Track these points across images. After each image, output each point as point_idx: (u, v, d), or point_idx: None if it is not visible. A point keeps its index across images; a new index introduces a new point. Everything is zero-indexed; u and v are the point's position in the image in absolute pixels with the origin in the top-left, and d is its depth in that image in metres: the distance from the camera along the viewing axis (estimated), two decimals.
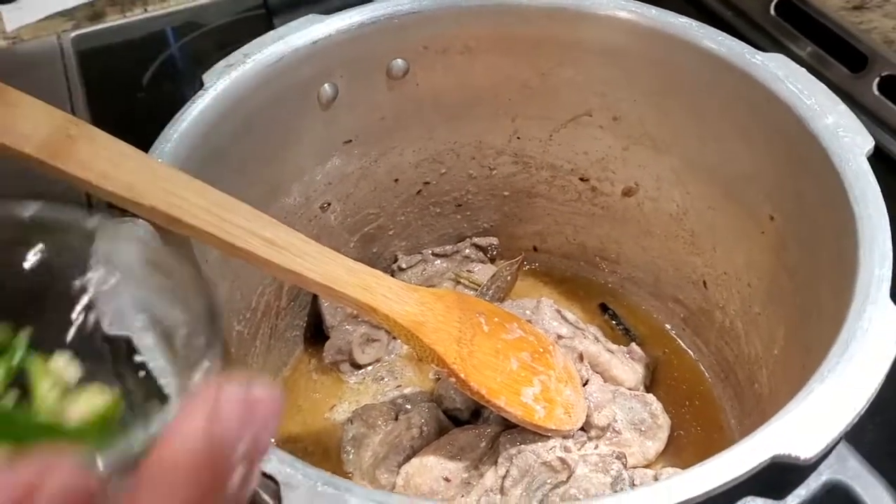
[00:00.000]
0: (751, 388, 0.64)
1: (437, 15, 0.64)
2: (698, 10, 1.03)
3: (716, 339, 0.69)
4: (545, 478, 0.61)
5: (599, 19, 0.63)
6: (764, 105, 0.56)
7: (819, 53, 0.95)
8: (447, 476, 0.62)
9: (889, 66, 0.90)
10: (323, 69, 0.63)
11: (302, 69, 0.62)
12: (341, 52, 0.63)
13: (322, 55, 0.62)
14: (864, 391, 0.40)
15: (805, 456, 0.38)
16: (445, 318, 0.59)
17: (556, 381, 0.63)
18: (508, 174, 0.75)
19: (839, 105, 0.54)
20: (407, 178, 0.73)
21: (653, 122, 0.66)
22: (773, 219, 0.59)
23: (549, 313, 0.69)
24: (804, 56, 0.95)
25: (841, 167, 0.50)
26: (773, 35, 0.98)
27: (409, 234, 0.78)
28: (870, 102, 0.88)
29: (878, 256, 0.46)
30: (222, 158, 0.57)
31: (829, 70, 0.92)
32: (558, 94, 0.68)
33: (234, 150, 0.59)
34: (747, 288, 0.64)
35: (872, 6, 1.00)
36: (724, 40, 0.58)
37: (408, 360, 0.73)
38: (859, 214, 0.48)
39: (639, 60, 0.63)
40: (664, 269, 0.73)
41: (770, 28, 0.99)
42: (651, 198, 0.70)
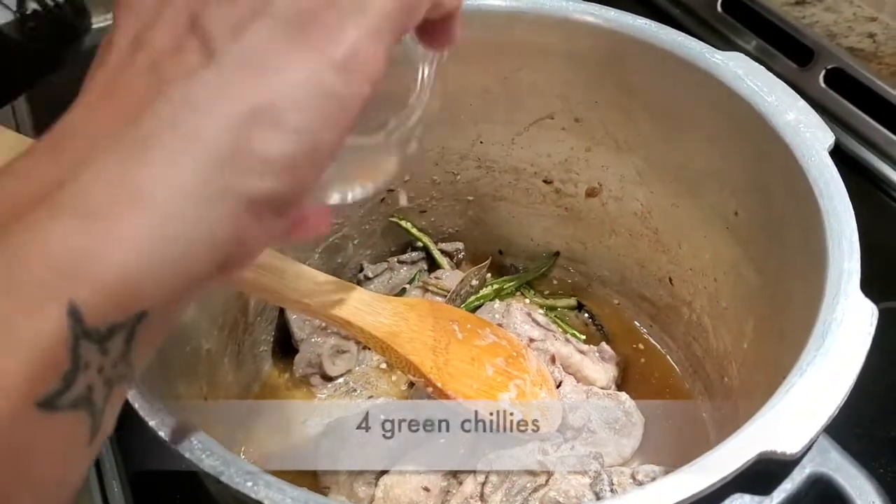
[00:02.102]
0: (721, 381, 0.65)
1: None
2: (647, 8, 1.05)
3: (683, 334, 0.70)
4: (524, 482, 0.61)
5: (559, 23, 0.63)
6: (725, 103, 0.57)
7: (766, 48, 0.97)
8: (426, 486, 0.62)
9: (834, 60, 0.92)
10: None
11: None
12: None
13: None
14: (843, 383, 0.41)
15: (791, 451, 0.38)
16: (419, 327, 0.59)
17: (531, 384, 0.63)
18: (472, 179, 0.74)
19: (799, 101, 0.55)
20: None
21: (615, 123, 0.66)
22: (737, 214, 0.60)
23: (519, 317, 0.69)
24: (752, 51, 0.97)
25: (804, 162, 0.51)
26: (722, 31, 1.00)
27: (374, 243, 0.77)
28: (817, 95, 0.91)
29: (846, 250, 0.46)
30: None
31: (776, 64, 0.94)
32: (520, 98, 0.68)
33: None
34: (714, 283, 0.65)
35: (813, 1, 1.02)
36: (683, 41, 0.59)
37: (379, 371, 0.73)
38: (825, 209, 0.49)
39: (599, 62, 0.63)
40: (629, 268, 0.74)
41: (718, 25, 1.01)
42: (615, 197, 0.71)
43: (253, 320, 0.70)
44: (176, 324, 0.29)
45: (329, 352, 0.71)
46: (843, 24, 0.99)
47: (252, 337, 0.70)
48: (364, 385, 0.72)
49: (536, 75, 0.66)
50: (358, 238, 0.76)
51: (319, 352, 0.71)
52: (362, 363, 0.73)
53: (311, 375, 0.71)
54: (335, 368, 0.71)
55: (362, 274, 0.76)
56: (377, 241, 0.77)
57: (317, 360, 0.71)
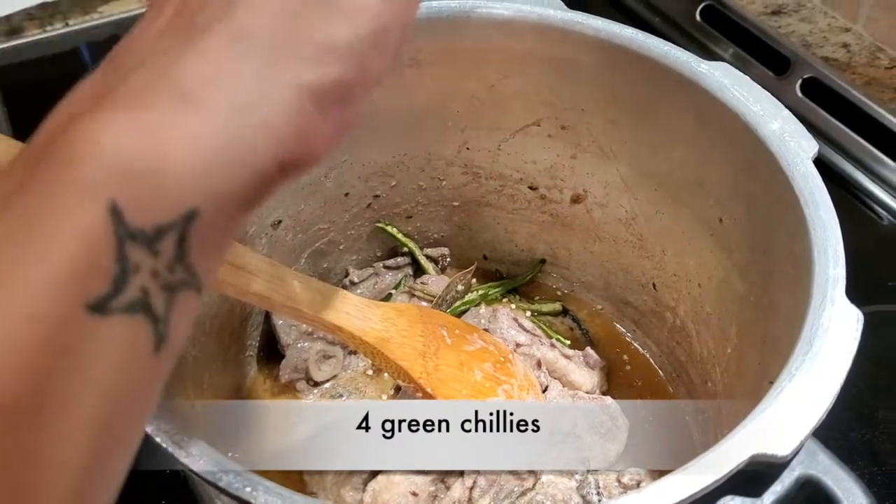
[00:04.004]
0: (704, 385, 0.66)
1: None
2: (626, 17, 1.06)
3: (667, 339, 0.71)
4: (512, 486, 0.61)
5: (546, 31, 0.63)
6: (711, 112, 0.58)
7: (744, 57, 0.99)
8: (414, 490, 0.62)
9: (810, 69, 0.94)
10: None
11: None
12: None
13: None
14: (831, 387, 0.42)
15: (782, 453, 0.39)
16: (409, 332, 0.59)
17: (519, 389, 0.64)
18: (458, 185, 0.75)
19: (783, 111, 0.56)
20: (357, 192, 0.73)
21: (600, 131, 0.67)
22: (722, 221, 0.61)
23: (506, 322, 0.70)
24: (729, 59, 0.99)
25: (789, 171, 0.52)
26: (700, 40, 1.02)
27: (360, 248, 0.77)
28: (793, 104, 0.92)
29: (831, 257, 0.47)
30: None
31: (753, 73, 0.95)
32: (507, 105, 0.68)
33: None
34: (697, 289, 0.66)
35: (789, 10, 1.04)
36: (669, 50, 0.60)
37: (365, 376, 0.73)
38: (810, 217, 0.50)
39: (586, 70, 0.64)
40: (613, 273, 0.75)
41: (696, 33, 1.03)
42: (600, 204, 0.71)
43: (238, 325, 0.69)
44: (240, 229, 0.27)
45: (315, 357, 0.71)
46: (818, 34, 1.01)
47: (238, 342, 0.70)
48: (349, 390, 0.72)
49: (523, 83, 0.67)
50: (344, 243, 0.76)
51: (306, 357, 0.71)
52: (348, 368, 0.73)
53: (296, 381, 0.71)
54: (321, 373, 0.71)
55: (348, 279, 0.76)
56: (363, 247, 0.77)
57: (303, 366, 0.71)
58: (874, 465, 0.67)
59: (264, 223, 0.67)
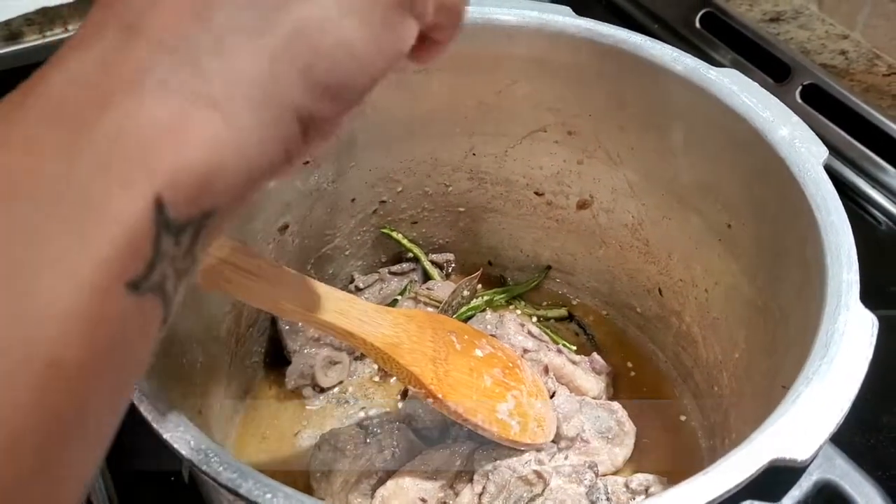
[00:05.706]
0: (710, 390, 0.66)
1: None
2: (626, 23, 1.06)
3: (673, 344, 0.71)
4: (521, 492, 0.61)
5: (554, 37, 0.64)
6: (720, 118, 0.58)
7: (744, 63, 0.99)
8: (423, 497, 0.62)
9: (809, 76, 0.94)
10: None
11: None
12: None
13: None
14: (848, 391, 0.42)
15: (802, 457, 0.39)
16: (419, 338, 0.59)
17: (528, 395, 0.63)
18: (464, 190, 0.75)
19: (792, 116, 0.56)
20: (363, 198, 0.73)
21: (608, 137, 0.67)
22: (730, 227, 0.61)
23: (513, 328, 0.70)
24: (729, 66, 0.99)
25: (800, 177, 0.53)
26: (700, 47, 1.02)
27: (365, 254, 0.77)
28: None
29: (845, 262, 0.48)
30: None
31: (753, 80, 0.96)
32: (514, 111, 0.68)
33: None
34: (704, 294, 0.66)
35: (787, 17, 1.05)
36: (679, 56, 0.60)
37: (372, 382, 0.73)
38: (823, 222, 0.50)
39: (594, 77, 0.64)
40: (619, 279, 0.75)
41: (696, 40, 1.03)
42: (606, 210, 0.72)
43: (245, 331, 0.69)
44: (232, 221, 0.29)
45: (322, 363, 0.71)
46: (816, 41, 1.02)
47: (244, 348, 0.69)
48: (356, 396, 0.72)
49: (530, 89, 0.67)
50: (349, 249, 0.76)
51: (312, 363, 0.70)
52: (354, 374, 0.73)
53: (303, 387, 0.71)
54: (328, 379, 0.71)
55: (353, 285, 0.76)
56: (368, 252, 0.77)
57: (309, 371, 0.70)
58: (879, 470, 0.67)
59: (271, 228, 0.67)
